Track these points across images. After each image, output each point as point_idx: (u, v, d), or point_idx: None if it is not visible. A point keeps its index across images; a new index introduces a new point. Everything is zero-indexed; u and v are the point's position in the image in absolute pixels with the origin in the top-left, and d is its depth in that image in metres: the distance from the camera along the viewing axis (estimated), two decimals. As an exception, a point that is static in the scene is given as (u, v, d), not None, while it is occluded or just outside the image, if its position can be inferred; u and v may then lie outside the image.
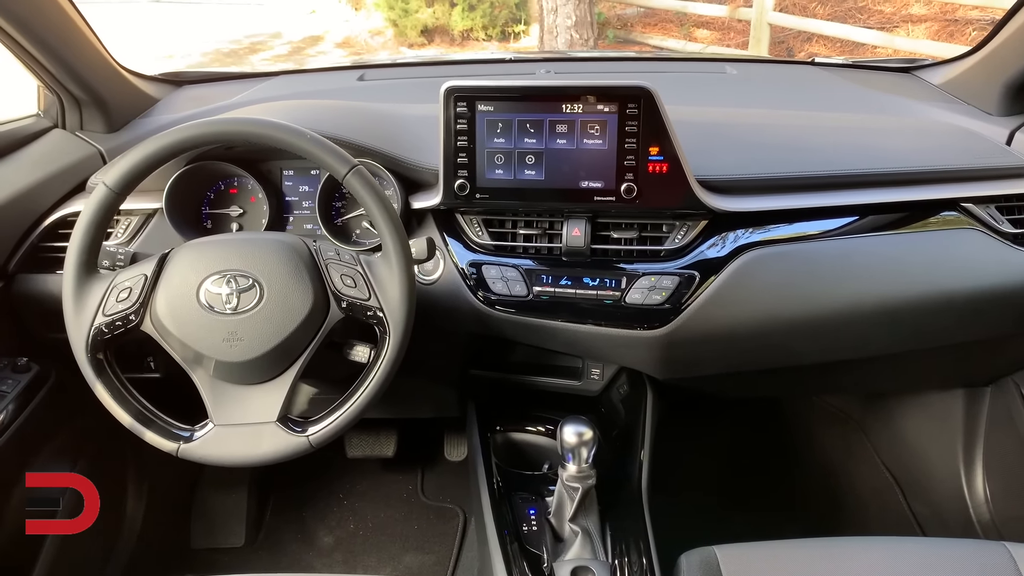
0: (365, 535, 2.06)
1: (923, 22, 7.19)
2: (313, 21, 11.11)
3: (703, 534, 1.24)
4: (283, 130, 1.16)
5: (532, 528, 1.35)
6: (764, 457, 2.20)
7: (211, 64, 9.09)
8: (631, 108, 1.30)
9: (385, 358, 1.18)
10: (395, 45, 9.82)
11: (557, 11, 7.52)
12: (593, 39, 7.77)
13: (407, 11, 9.63)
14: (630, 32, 8.78)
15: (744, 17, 7.47)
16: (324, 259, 1.20)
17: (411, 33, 9.65)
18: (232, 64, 9.09)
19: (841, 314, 1.38)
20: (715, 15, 8.00)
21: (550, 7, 7.54)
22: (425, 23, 9.64)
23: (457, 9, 9.41)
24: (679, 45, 8.15)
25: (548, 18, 7.62)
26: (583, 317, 1.38)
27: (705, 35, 8.37)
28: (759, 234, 1.37)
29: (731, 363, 1.48)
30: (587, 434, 1.29)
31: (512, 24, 9.45)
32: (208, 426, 1.17)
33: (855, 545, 1.23)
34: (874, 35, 6.68)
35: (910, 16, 7.35)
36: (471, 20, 9.37)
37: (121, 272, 1.19)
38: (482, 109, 1.34)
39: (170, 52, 8.90)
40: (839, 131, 1.52)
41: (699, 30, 8.44)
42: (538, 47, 8.19)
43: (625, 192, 1.34)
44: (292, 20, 11.10)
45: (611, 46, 8.45)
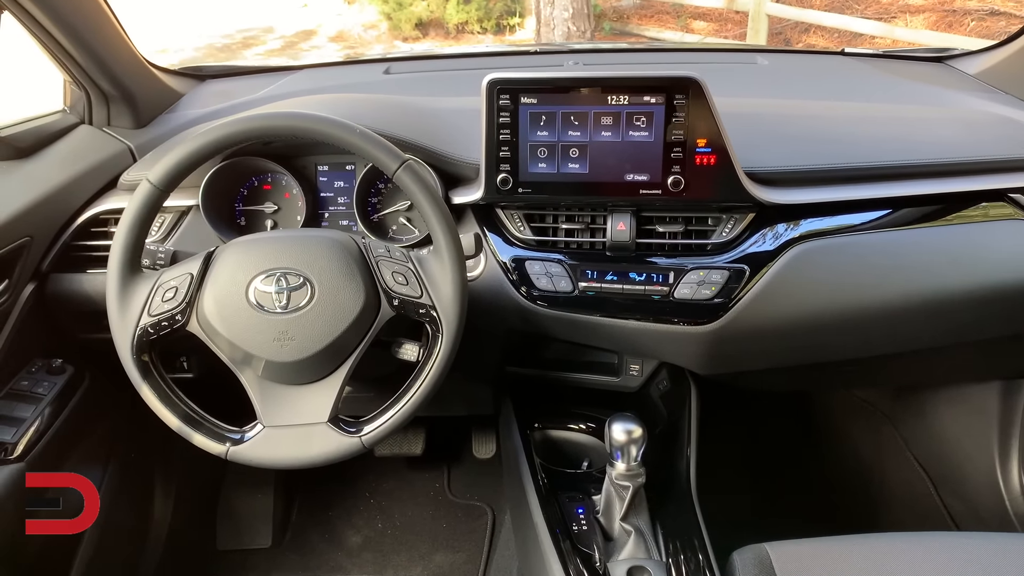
0: (394, 534, 2.03)
1: (921, 12, 7.19)
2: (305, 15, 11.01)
3: (742, 530, 1.23)
4: (332, 124, 1.14)
5: (582, 527, 1.33)
6: (793, 450, 2.19)
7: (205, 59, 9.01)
8: (679, 99, 1.28)
9: (439, 356, 1.16)
10: (389, 39, 9.76)
11: (554, 3, 7.48)
12: (590, 31, 7.74)
13: (401, 4, 9.58)
14: (626, 24, 8.76)
15: (742, 8, 7.47)
16: (375, 256, 1.17)
17: (405, 27, 9.59)
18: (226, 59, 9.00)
19: (891, 308, 1.36)
20: (712, 6, 7.99)
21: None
22: (419, 16, 9.59)
23: (452, 2, 9.35)
24: (676, 37, 8.13)
25: (545, 10, 7.57)
26: (630, 312, 1.36)
27: (702, 26, 8.36)
28: (807, 227, 1.35)
29: (777, 358, 1.47)
30: (636, 431, 1.27)
31: (507, 17, 9.41)
32: (257, 427, 1.14)
33: (907, 541, 1.21)
34: (873, 25, 6.68)
35: (908, 6, 7.35)
36: (466, 13, 9.32)
37: (166, 271, 1.16)
38: (525, 102, 1.32)
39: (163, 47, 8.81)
40: (882, 122, 1.51)
41: (696, 22, 8.43)
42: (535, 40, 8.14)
43: (672, 185, 1.32)
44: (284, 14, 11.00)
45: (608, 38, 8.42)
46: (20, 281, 1.36)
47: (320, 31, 10.37)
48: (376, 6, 9.87)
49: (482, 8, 9.31)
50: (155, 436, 1.75)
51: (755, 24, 7.18)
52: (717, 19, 8.28)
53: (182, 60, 7.88)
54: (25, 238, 1.33)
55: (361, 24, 10.17)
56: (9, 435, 1.28)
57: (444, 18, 9.45)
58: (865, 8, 7.54)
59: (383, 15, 9.81)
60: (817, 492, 2.07)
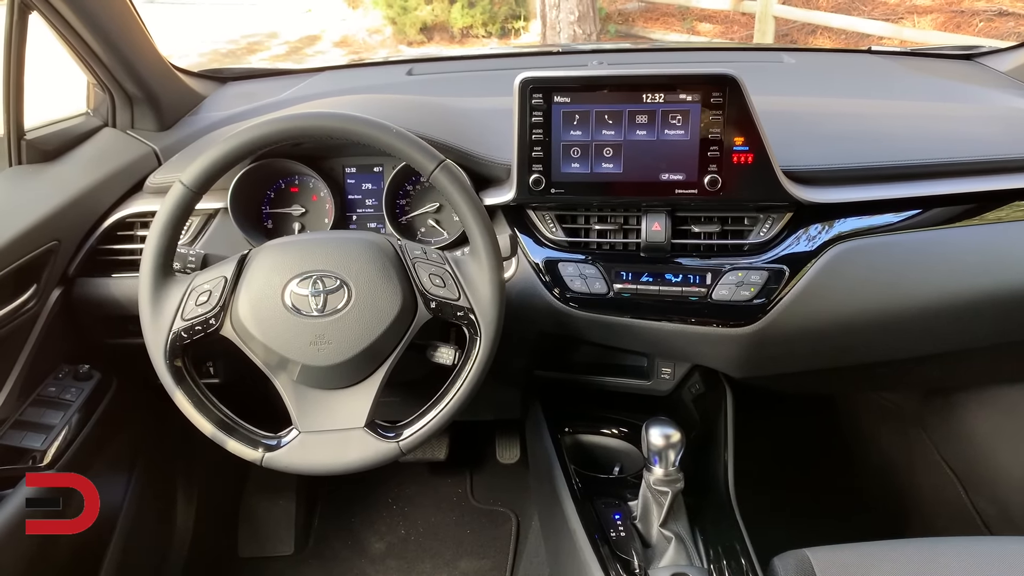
0: (417, 540, 2.01)
1: (928, 13, 7.17)
2: (309, 20, 11.01)
3: (775, 535, 1.21)
4: (368, 124, 1.12)
5: (620, 533, 1.30)
6: (820, 453, 2.16)
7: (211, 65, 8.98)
8: (716, 97, 1.26)
9: (477, 359, 1.13)
10: (394, 43, 9.75)
11: (559, 6, 7.48)
12: (596, 34, 7.73)
13: (406, 8, 9.56)
14: (631, 27, 8.75)
15: (748, 10, 7.45)
16: (411, 258, 1.15)
17: (410, 31, 9.58)
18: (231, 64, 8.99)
19: (930, 308, 1.34)
20: (718, 8, 7.97)
21: (552, 2, 7.50)
22: (424, 20, 9.57)
23: (456, 6, 9.35)
24: (682, 39, 8.10)
25: (551, 13, 7.57)
26: (666, 314, 1.34)
27: (708, 29, 8.34)
28: (843, 226, 1.33)
29: (813, 361, 1.44)
30: (675, 436, 1.25)
31: (512, 20, 9.40)
32: (293, 433, 1.12)
33: (950, 546, 1.18)
34: (881, 26, 6.66)
35: (915, 7, 7.33)
36: (470, 17, 9.31)
37: (199, 274, 1.14)
38: (558, 101, 1.30)
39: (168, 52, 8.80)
40: (919, 119, 1.49)
41: (701, 24, 8.40)
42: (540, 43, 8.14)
43: (709, 184, 1.30)
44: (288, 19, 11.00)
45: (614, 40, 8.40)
46: (47, 286, 1.35)
47: (324, 36, 10.37)
48: (380, 10, 9.85)
49: (487, 12, 9.30)
50: (178, 442, 1.73)
51: (762, 26, 7.16)
52: (723, 21, 8.25)
53: (188, 65, 7.87)
54: (52, 242, 1.32)
55: (365, 29, 10.16)
56: (39, 442, 1.26)
57: (448, 22, 9.45)
58: (872, 9, 7.52)
59: (387, 19, 9.80)
60: (846, 495, 2.04)
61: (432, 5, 9.53)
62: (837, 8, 7.57)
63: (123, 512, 1.55)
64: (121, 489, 1.55)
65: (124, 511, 1.55)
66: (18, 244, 1.24)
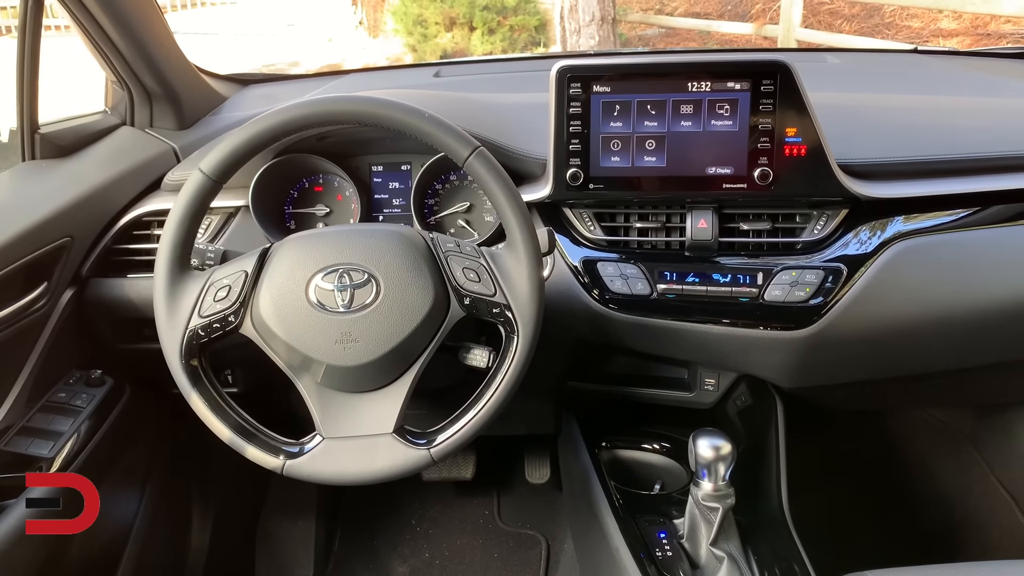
0: (442, 564, 1.91)
1: (954, 36, 7.09)
2: (330, 49, 11.12)
3: (829, 555, 1.13)
4: (398, 109, 1.04)
5: (666, 553, 1.21)
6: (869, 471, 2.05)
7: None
8: (766, 85, 1.19)
9: (515, 360, 1.04)
10: (414, 71, 9.79)
11: (580, 32, 7.48)
12: (616, 60, 7.71)
13: (426, 36, 9.62)
14: (652, 53, 8.73)
15: (770, 35, 7.41)
16: (443, 251, 1.06)
17: (430, 58, 9.61)
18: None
19: (1001, 312, 1.24)
20: (740, 33, 7.94)
21: (572, 28, 7.50)
22: (444, 48, 9.61)
23: (476, 33, 9.39)
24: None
25: (571, 39, 7.57)
26: (715, 317, 1.25)
27: (729, 54, 8.31)
28: (901, 223, 1.24)
29: (869, 369, 1.35)
30: (725, 448, 1.16)
31: (532, 47, 9.42)
32: (316, 439, 1.04)
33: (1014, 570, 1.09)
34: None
35: (940, 31, 7.26)
36: (490, 44, 9.34)
37: (218, 269, 1.07)
38: (598, 90, 1.23)
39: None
40: (978, 113, 1.40)
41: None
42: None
43: (759, 178, 1.22)
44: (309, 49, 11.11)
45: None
46: (59, 285, 1.28)
47: (345, 65, 10.44)
48: (401, 38, 9.92)
49: (507, 39, 9.33)
50: (194, 455, 1.65)
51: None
52: (745, 45, 8.22)
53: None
54: (65, 238, 1.25)
55: (386, 57, 10.23)
56: (46, 449, 1.19)
57: (469, 49, 9.48)
58: (896, 33, 7.46)
59: (408, 47, 9.85)
60: (898, 515, 1.93)
61: (452, 32, 9.58)
62: (860, 32, 7.52)
63: (134, 530, 1.46)
64: (133, 505, 1.47)
65: (135, 529, 1.47)
66: (27, 238, 1.18)
